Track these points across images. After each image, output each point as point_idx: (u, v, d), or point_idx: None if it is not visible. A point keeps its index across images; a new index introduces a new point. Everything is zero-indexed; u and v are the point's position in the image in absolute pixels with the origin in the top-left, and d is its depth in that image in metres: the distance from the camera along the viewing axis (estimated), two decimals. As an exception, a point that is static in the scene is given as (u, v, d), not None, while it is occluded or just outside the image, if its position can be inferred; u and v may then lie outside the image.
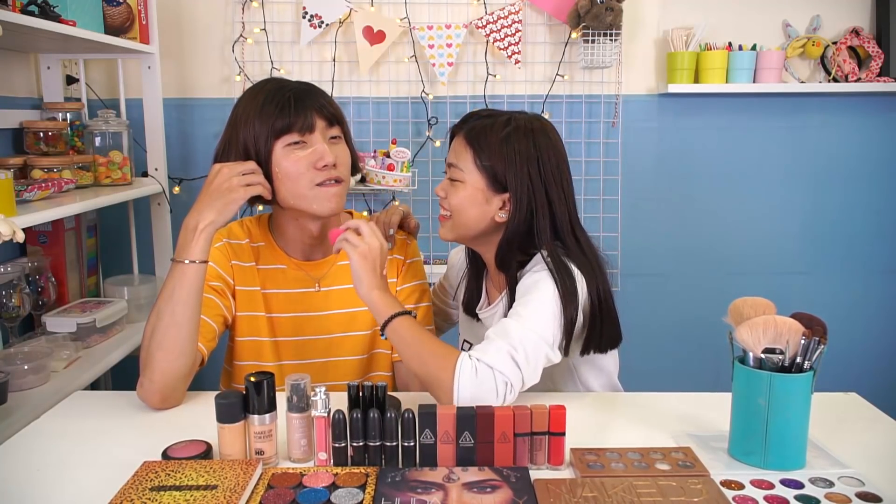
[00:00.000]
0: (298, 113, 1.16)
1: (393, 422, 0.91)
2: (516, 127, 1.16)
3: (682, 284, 2.41)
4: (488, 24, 2.19)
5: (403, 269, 1.35)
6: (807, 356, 0.91)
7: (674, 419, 1.08)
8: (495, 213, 1.18)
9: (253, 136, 1.16)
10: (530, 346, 1.04)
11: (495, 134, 1.16)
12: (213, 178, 1.13)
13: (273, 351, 1.29)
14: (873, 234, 2.41)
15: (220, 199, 1.11)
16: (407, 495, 0.84)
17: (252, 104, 1.18)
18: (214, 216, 1.10)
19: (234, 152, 1.18)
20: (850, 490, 0.88)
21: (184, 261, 1.09)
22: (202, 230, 1.10)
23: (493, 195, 1.17)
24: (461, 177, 1.18)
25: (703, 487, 0.86)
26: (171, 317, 1.08)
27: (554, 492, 0.85)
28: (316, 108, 1.17)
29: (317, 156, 1.16)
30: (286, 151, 1.16)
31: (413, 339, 1.06)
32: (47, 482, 0.91)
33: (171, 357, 1.08)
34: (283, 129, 1.15)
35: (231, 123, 1.20)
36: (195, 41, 2.24)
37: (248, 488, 0.85)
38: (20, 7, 1.49)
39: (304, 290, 1.29)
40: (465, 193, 1.18)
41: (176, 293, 1.09)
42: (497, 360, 1.02)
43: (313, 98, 1.19)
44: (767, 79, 2.23)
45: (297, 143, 1.17)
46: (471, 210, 1.18)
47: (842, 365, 2.07)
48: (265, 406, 0.92)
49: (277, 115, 1.15)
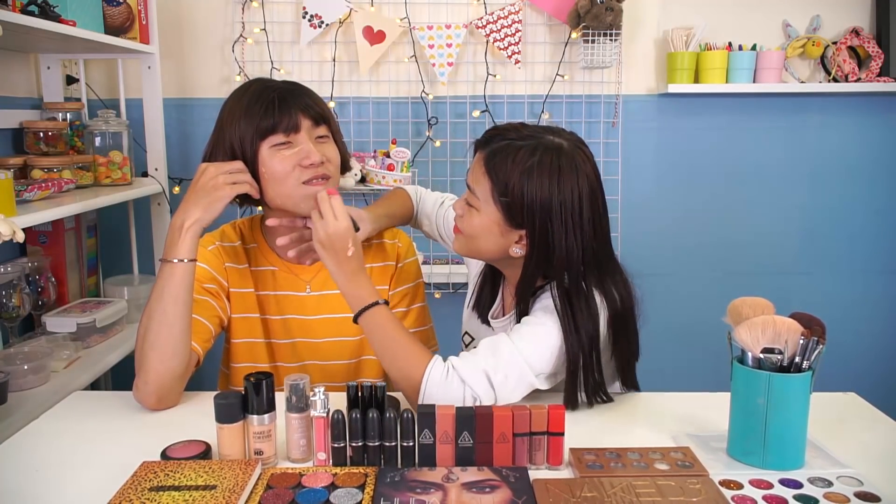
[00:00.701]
0: (283, 113, 1.15)
1: (392, 422, 0.91)
2: (540, 161, 1.05)
3: (681, 284, 2.41)
4: (488, 24, 2.19)
5: (396, 274, 1.34)
6: (805, 356, 0.91)
7: (673, 419, 1.08)
8: (511, 246, 1.10)
9: (239, 137, 1.16)
10: (514, 371, 1.03)
11: (516, 166, 1.05)
12: (199, 177, 1.13)
13: (268, 353, 1.29)
14: (873, 234, 2.41)
15: (205, 197, 1.11)
16: (406, 495, 0.84)
17: (237, 105, 1.18)
18: (200, 214, 1.10)
19: (220, 153, 1.18)
20: (848, 490, 0.88)
21: (172, 260, 1.09)
22: (188, 228, 1.10)
23: (508, 230, 1.09)
24: (477, 205, 1.11)
25: (702, 487, 0.86)
26: (163, 316, 1.08)
27: (553, 492, 0.85)
28: (301, 108, 1.17)
29: (303, 154, 1.16)
30: (272, 152, 1.16)
31: (386, 331, 1.05)
32: (47, 482, 0.91)
33: (165, 357, 1.08)
34: (268, 130, 1.15)
35: (218, 125, 1.20)
36: (195, 41, 2.24)
37: (247, 488, 0.85)
38: (20, 7, 1.50)
39: (294, 293, 1.29)
40: (479, 222, 1.11)
41: (166, 292, 1.09)
42: (471, 376, 1.01)
43: (298, 98, 1.18)
44: (767, 79, 2.23)
45: (283, 144, 1.16)
46: (485, 240, 1.12)
47: (841, 365, 2.07)
48: (264, 406, 0.92)
49: (262, 116, 1.15)
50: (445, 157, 2.28)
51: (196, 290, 1.16)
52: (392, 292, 1.33)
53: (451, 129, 2.28)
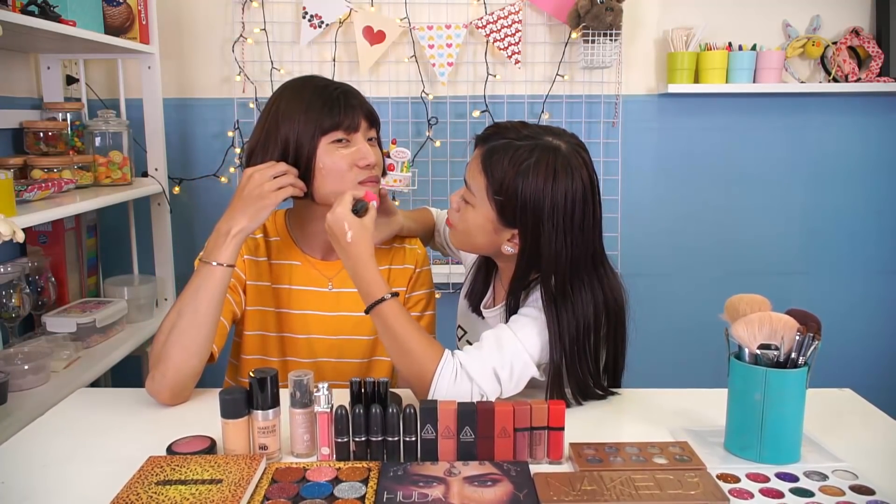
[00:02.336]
0: (346, 112, 1.17)
1: (395, 417, 0.92)
2: (537, 161, 1.05)
3: (681, 284, 2.42)
4: (488, 24, 2.20)
5: (414, 278, 1.35)
6: (801, 352, 0.92)
7: (671, 415, 1.09)
8: (504, 243, 1.12)
9: (297, 132, 1.17)
10: (518, 364, 1.05)
11: (512, 165, 1.06)
12: (244, 184, 1.14)
13: (279, 347, 1.30)
14: (873, 234, 2.42)
15: (252, 205, 1.12)
16: (409, 489, 0.85)
17: (297, 100, 1.18)
18: (246, 222, 1.12)
19: (272, 146, 1.18)
20: (843, 483, 0.89)
21: (212, 263, 1.10)
22: (234, 235, 1.11)
23: (501, 228, 1.11)
24: (473, 200, 1.12)
25: (700, 481, 0.87)
26: (193, 315, 1.09)
27: (553, 485, 0.86)
28: (361, 108, 1.19)
29: (360, 155, 1.18)
30: (330, 149, 1.18)
31: (398, 324, 1.06)
32: (54, 478, 0.92)
33: (187, 355, 1.09)
34: (330, 127, 1.17)
35: (271, 118, 1.20)
36: (195, 41, 2.25)
37: (252, 482, 0.86)
38: (20, 7, 1.50)
39: (315, 289, 1.29)
40: (474, 219, 1.12)
41: (200, 293, 1.09)
42: (479, 374, 1.03)
43: (358, 98, 1.21)
44: (767, 79, 2.24)
45: (340, 142, 1.18)
46: (479, 236, 1.14)
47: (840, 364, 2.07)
48: (268, 402, 0.93)
49: (326, 113, 1.16)
50: (445, 157, 2.29)
51: None
52: (409, 295, 1.34)
53: (451, 129, 2.29)
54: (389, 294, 1.06)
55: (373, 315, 1.07)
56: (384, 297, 1.06)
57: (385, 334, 1.07)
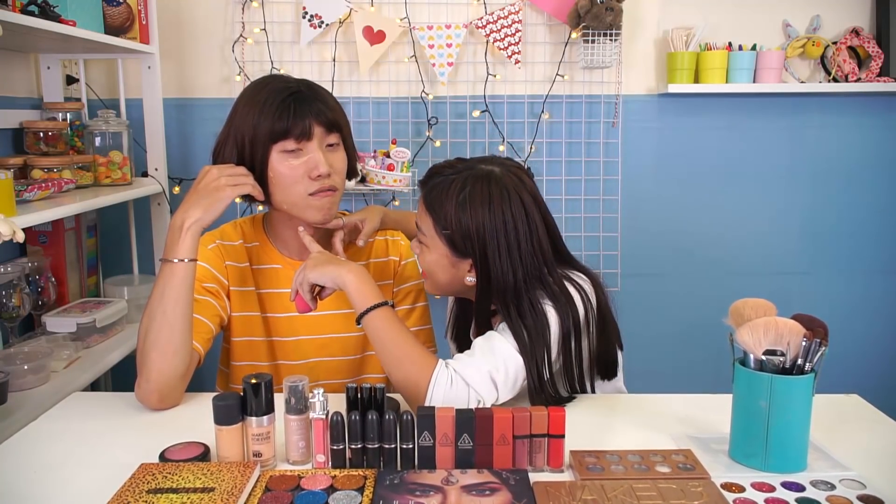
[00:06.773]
0: (297, 120, 1.14)
1: (391, 424, 0.91)
2: (472, 191, 1.08)
3: (682, 284, 2.41)
4: (488, 24, 2.19)
5: (400, 270, 1.34)
6: (808, 358, 0.90)
7: (674, 421, 1.07)
8: (465, 276, 1.14)
9: (250, 136, 1.16)
10: (512, 366, 1.04)
11: (450, 200, 1.09)
12: (201, 178, 1.14)
13: (268, 351, 1.29)
14: (874, 235, 2.40)
15: (206, 197, 1.11)
16: (405, 498, 0.83)
17: (252, 103, 1.17)
18: (200, 214, 1.10)
19: (229, 149, 1.18)
20: (851, 493, 0.87)
21: (172, 260, 1.09)
22: (188, 228, 1.10)
23: (457, 260, 1.13)
24: (426, 241, 1.15)
25: (704, 490, 0.86)
26: (163, 316, 1.08)
27: (553, 494, 0.84)
28: (314, 115, 1.16)
29: (311, 165, 1.16)
30: (281, 158, 1.16)
31: (391, 333, 1.05)
32: (45, 483, 0.91)
33: (166, 356, 1.08)
34: (280, 135, 1.15)
35: (230, 119, 1.20)
36: (195, 41, 2.24)
37: (245, 491, 0.84)
38: (20, 7, 1.49)
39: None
40: (431, 258, 1.15)
41: (167, 292, 1.09)
42: (475, 379, 1.02)
43: (313, 103, 1.17)
44: (767, 79, 2.22)
45: (292, 151, 1.16)
46: (440, 274, 1.15)
47: (843, 366, 2.06)
48: (263, 408, 0.92)
49: (276, 119, 1.14)
50: (445, 157, 2.27)
51: (196, 290, 1.16)
52: (396, 289, 1.33)
53: (451, 129, 2.27)
54: (380, 303, 1.06)
55: (364, 324, 1.07)
56: (374, 305, 1.06)
57: (377, 343, 1.07)
